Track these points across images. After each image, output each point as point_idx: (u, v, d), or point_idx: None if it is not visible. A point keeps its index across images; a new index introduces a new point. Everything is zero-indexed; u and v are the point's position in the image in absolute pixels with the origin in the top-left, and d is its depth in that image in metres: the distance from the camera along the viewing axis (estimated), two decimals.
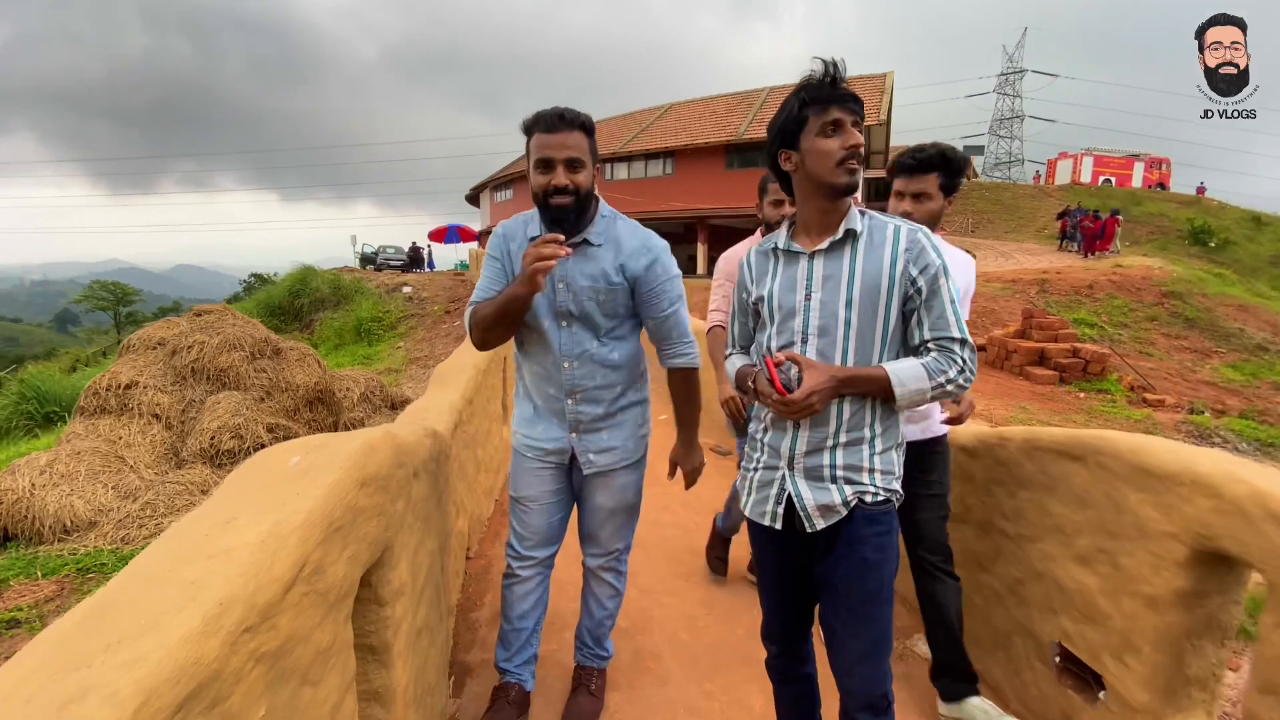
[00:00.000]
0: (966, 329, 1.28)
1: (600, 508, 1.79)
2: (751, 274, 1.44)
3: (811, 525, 1.31)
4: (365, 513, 1.04)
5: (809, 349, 1.30)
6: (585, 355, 1.64)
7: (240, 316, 6.35)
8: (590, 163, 1.56)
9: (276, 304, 18.94)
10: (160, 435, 5.08)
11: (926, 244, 1.27)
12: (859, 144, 1.26)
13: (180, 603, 0.66)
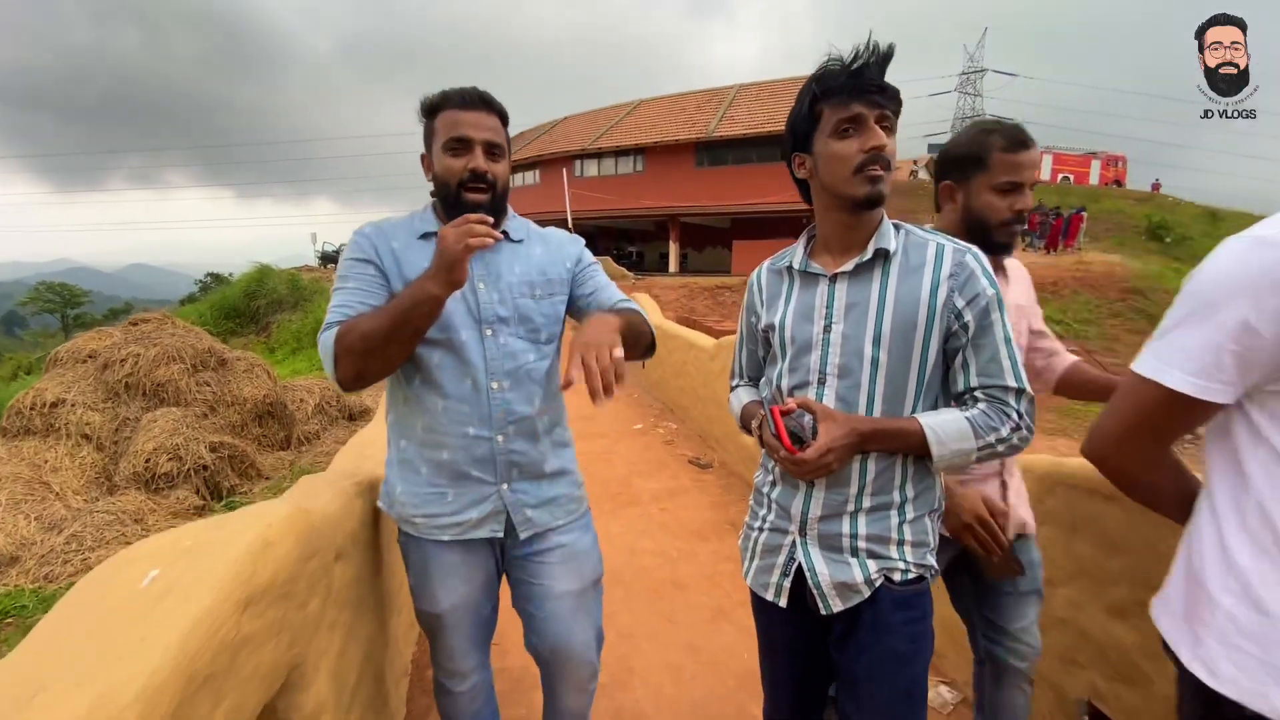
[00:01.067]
0: (1025, 375, 1.04)
1: (563, 595, 1.33)
2: (762, 296, 1.22)
3: (827, 607, 1.09)
4: (255, 640, 0.78)
5: (827, 392, 1.08)
6: (520, 371, 1.26)
7: (181, 325, 5.91)
8: (508, 155, 1.28)
9: (232, 306, 18.24)
10: (91, 458, 4.65)
11: (977, 268, 1.03)
12: (882, 145, 1.01)
13: None
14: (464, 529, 1.27)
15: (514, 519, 1.28)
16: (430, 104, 1.24)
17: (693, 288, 16.69)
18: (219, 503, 4.60)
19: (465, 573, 1.29)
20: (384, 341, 1.10)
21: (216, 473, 4.72)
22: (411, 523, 1.28)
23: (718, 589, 2.76)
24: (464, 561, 1.29)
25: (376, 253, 1.23)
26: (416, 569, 1.31)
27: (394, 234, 1.26)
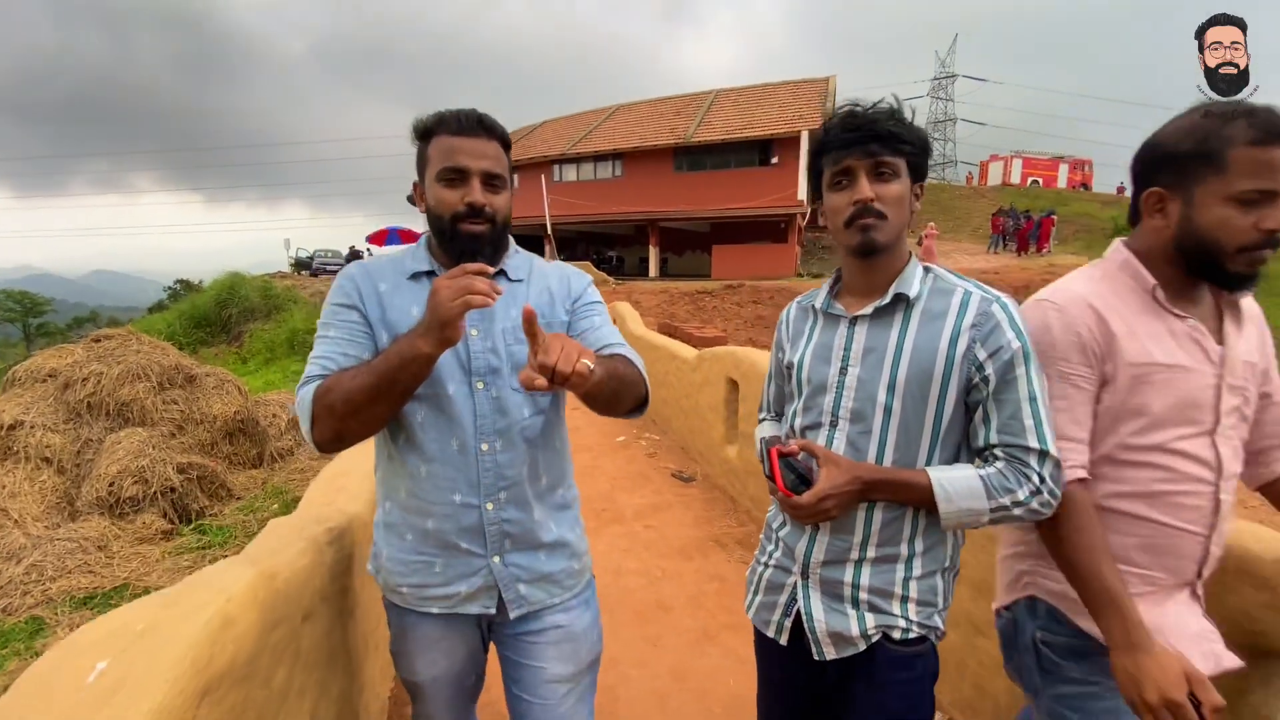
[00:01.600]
0: (1050, 437, 0.97)
1: (556, 680, 1.20)
2: (788, 332, 1.23)
3: (820, 654, 1.07)
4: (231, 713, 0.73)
5: (838, 436, 1.05)
6: (513, 430, 1.13)
7: (147, 341, 5.73)
8: (510, 186, 1.16)
9: (202, 314, 17.84)
10: (51, 482, 4.48)
11: (1004, 319, 0.99)
12: (867, 199, 1.00)
13: None
14: (453, 602, 1.15)
15: (504, 596, 1.15)
16: (423, 127, 1.12)
17: (673, 293, 16.70)
18: (187, 526, 4.46)
19: (447, 647, 1.19)
20: (367, 402, 0.99)
21: (185, 495, 4.57)
22: (397, 592, 1.16)
23: (702, 610, 2.73)
24: (445, 636, 1.18)
25: (360, 297, 1.11)
26: (397, 637, 1.21)
27: (381, 274, 1.14)
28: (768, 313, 14.26)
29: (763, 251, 20.48)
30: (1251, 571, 1.20)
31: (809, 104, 21.14)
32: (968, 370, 0.99)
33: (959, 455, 1.05)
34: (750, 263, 19.94)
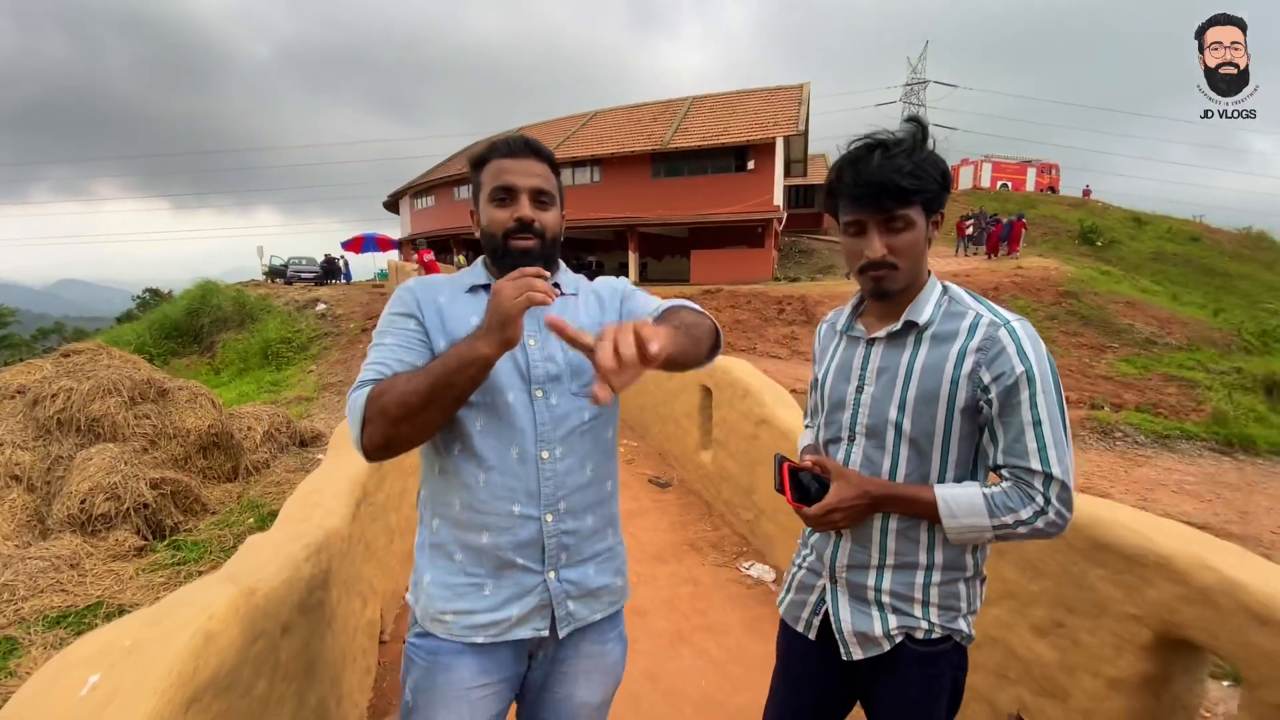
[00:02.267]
0: (1056, 459, 0.99)
1: (582, 707, 1.19)
2: (819, 349, 1.29)
3: (848, 654, 1.13)
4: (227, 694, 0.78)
5: (855, 450, 1.12)
6: (574, 435, 1.12)
7: (118, 354, 5.66)
8: (559, 204, 1.20)
9: (174, 324, 17.51)
10: (21, 499, 4.40)
11: (1010, 344, 1.00)
12: (879, 257, 1.03)
13: None
14: (501, 629, 1.09)
15: (556, 614, 1.11)
16: (477, 156, 1.18)
17: None
18: (161, 542, 4.42)
19: (478, 699, 1.10)
20: (422, 405, 0.96)
21: (159, 510, 4.53)
22: (440, 620, 1.09)
23: (676, 613, 2.81)
24: (479, 684, 1.09)
25: (419, 306, 1.11)
26: (418, 684, 1.10)
27: (440, 288, 1.16)
28: (745, 317, 14.42)
29: (740, 256, 20.69)
30: (1167, 567, 1.30)
31: (784, 110, 21.43)
32: (973, 392, 1.02)
33: (977, 472, 1.08)
34: (728, 267, 20.13)
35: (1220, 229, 34.61)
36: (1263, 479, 7.52)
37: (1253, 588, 1.16)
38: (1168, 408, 9.76)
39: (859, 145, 1.04)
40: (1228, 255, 30.15)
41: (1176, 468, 7.49)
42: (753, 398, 3.34)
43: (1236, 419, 9.53)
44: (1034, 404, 0.99)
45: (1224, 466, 7.83)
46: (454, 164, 29.58)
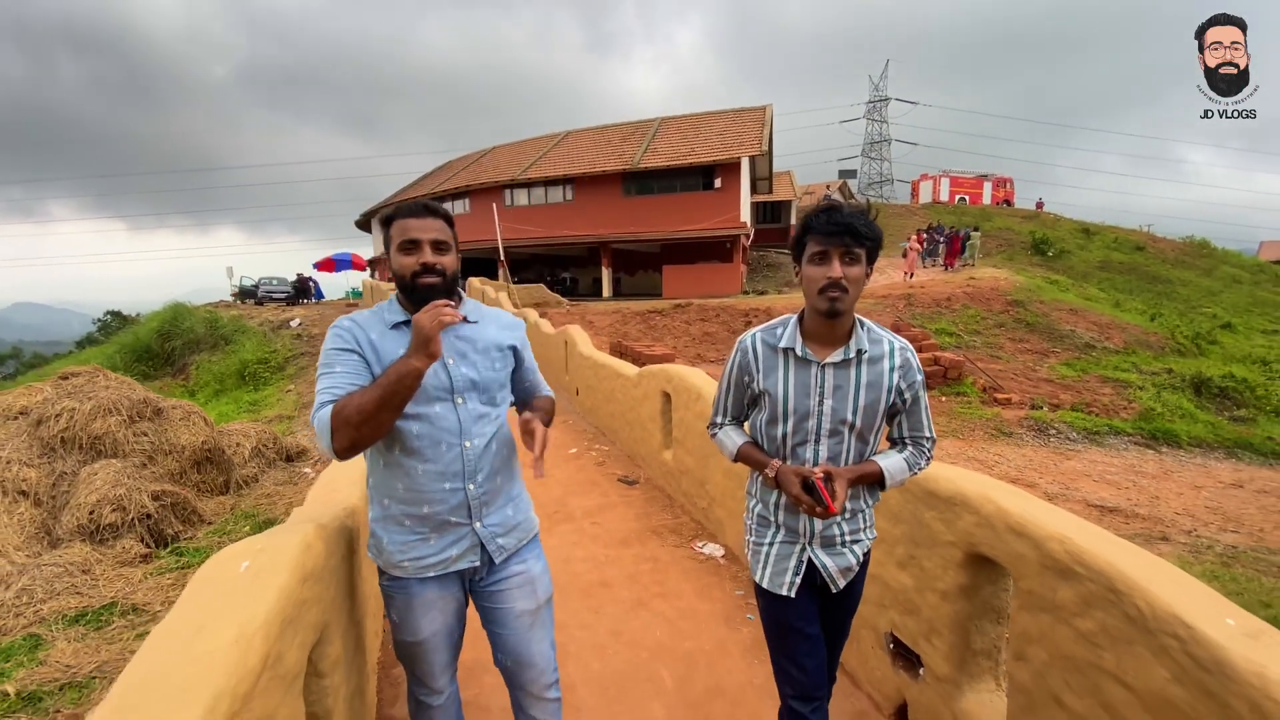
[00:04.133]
0: (932, 427, 1.59)
1: (523, 614, 1.60)
2: (758, 364, 1.56)
3: (836, 586, 1.57)
4: (308, 603, 1.25)
5: (821, 447, 1.51)
6: (486, 428, 1.52)
7: (114, 376, 5.97)
8: (454, 249, 1.53)
9: (144, 347, 17.42)
10: (29, 513, 4.69)
11: (914, 362, 1.52)
12: (838, 278, 1.39)
13: (181, 704, 0.86)
14: (446, 565, 1.50)
15: (488, 549, 1.53)
16: (386, 217, 1.51)
17: (625, 312, 17.30)
18: (164, 549, 4.74)
19: (443, 605, 1.53)
20: (376, 411, 1.31)
21: (160, 521, 4.85)
22: (400, 567, 1.48)
23: (638, 585, 3.28)
24: (441, 596, 1.52)
25: (358, 343, 1.45)
26: (400, 608, 1.51)
27: (369, 326, 1.48)
28: (714, 329, 15.01)
29: (710, 271, 21.35)
30: (967, 504, 1.83)
31: (748, 131, 22.29)
32: (896, 395, 1.51)
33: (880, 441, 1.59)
34: (699, 282, 20.77)
35: (1165, 238, 36.41)
36: (1179, 468, 8.28)
37: (1013, 511, 1.69)
38: (1100, 406, 10.55)
39: (832, 202, 1.46)
40: (1170, 263, 31.80)
41: (1102, 460, 8.21)
42: (704, 401, 3.85)
43: (1162, 416, 10.36)
44: (924, 396, 1.55)
45: (1146, 458, 8.58)
46: (427, 183, 29.88)
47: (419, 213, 1.47)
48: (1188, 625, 1.26)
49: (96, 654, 3.46)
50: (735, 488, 3.49)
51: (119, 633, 3.68)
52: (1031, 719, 1.64)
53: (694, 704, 2.33)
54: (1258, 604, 3.72)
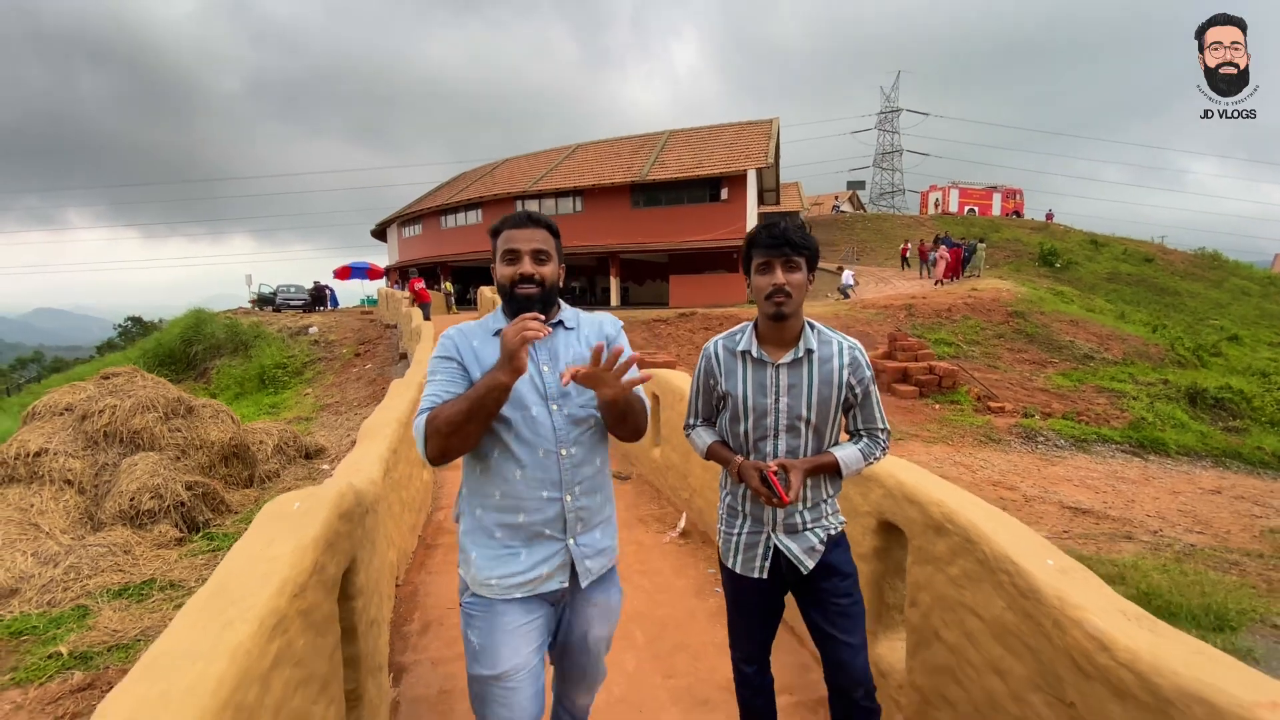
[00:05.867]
0: (884, 419, 1.70)
1: (597, 640, 1.61)
2: (720, 368, 1.69)
3: (805, 567, 1.66)
4: (342, 535, 1.65)
5: (780, 442, 1.63)
6: (583, 435, 1.50)
7: (149, 377, 6.45)
8: (556, 259, 1.55)
9: (168, 352, 18.05)
10: (74, 500, 5.15)
11: (863, 360, 1.65)
12: (780, 284, 1.54)
13: (264, 582, 1.27)
14: (535, 585, 1.45)
15: (577, 569, 1.49)
16: (494, 228, 1.55)
17: (631, 321, 17.72)
18: (196, 535, 5.18)
19: (526, 632, 1.45)
20: (463, 423, 1.33)
21: (192, 509, 5.30)
22: (488, 585, 1.44)
23: (622, 564, 3.62)
24: (527, 621, 1.45)
25: (459, 351, 1.48)
26: (482, 629, 1.44)
27: (473, 334, 1.52)
28: None
29: (716, 280, 21.74)
30: (878, 480, 2.21)
31: (755, 144, 22.75)
32: (847, 391, 1.63)
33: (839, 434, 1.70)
34: (705, 291, 21.17)
35: (1176, 250, 36.34)
36: (1162, 475, 8.53)
37: (908, 483, 2.06)
38: (1093, 415, 10.80)
39: (770, 220, 1.63)
40: (1179, 275, 31.76)
41: (1086, 466, 8.48)
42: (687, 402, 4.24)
43: (1153, 425, 10.59)
44: (874, 391, 1.67)
45: (1130, 465, 8.84)
46: (441, 194, 30.57)
47: (523, 223, 1.52)
48: (1016, 564, 1.63)
49: (139, 621, 3.90)
50: (713, 480, 3.86)
51: (159, 604, 4.11)
52: (922, 653, 2.00)
53: (661, 656, 2.70)
54: (1198, 594, 4.03)
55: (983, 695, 1.74)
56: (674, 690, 2.47)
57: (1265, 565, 4.89)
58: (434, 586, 3.39)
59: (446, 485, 5.30)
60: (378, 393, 11.08)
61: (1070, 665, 1.47)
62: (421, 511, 4.42)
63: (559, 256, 1.57)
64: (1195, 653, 1.32)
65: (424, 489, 4.59)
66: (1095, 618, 1.43)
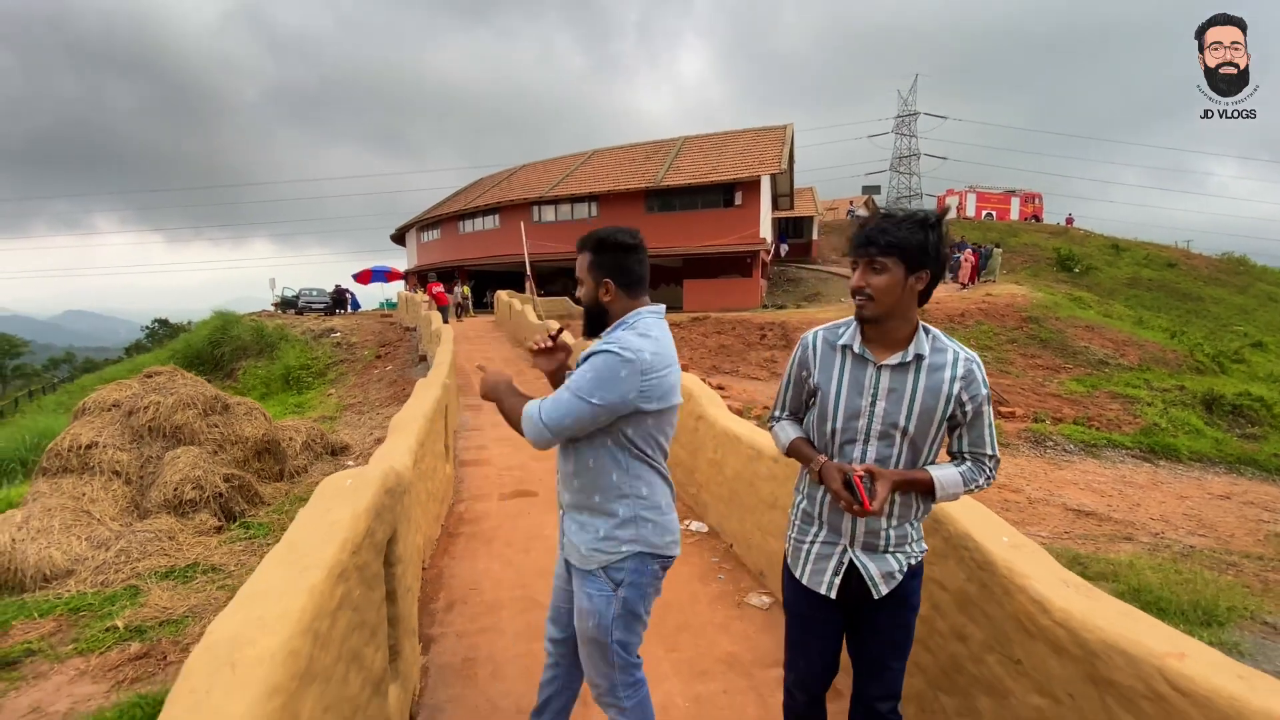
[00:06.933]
0: (996, 447, 1.52)
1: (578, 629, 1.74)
2: (815, 359, 1.58)
3: (878, 591, 1.53)
4: (387, 507, 1.91)
5: (870, 448, 1.50)
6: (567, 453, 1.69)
7: (189, 376, 6.83)
8: (589, 280, 1.68)
9: (195, 353, 18.64)
10: (121, 490, 5.51)
11: (978, 375, 1.47)
12: (859, 286, 1.46)
13: (328, 539, 1.53)
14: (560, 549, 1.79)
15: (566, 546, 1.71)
16: None
17: None
18: (234, 524, 5.51)
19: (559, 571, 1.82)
20: None
21: (229, 500, 5.63)
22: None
23: None
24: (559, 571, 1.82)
25: None
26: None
27: None
28: (729, 342, 15.57)
29: (730, 285, 21.93)
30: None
31: (769, 150, 22.93)
32: (956, 405, 1.46)
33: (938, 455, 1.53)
34: (719, 296, 21.37)
35: (1200, 254, 35.80)
36: (1171, 480, 8.57)
37: None
38: (1105, 421, 10.82)
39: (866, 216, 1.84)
40: (1203, 280, 31.29)
41: (1094, 471, 8.54)
42: (694, 400, 4.47)
43: (1166, 431, 10.60)
44: (988, 413, 1.49)
45: (1140, 470, 8.88)
46: (459, 199, 31.12)
47: (577, 249, 1.76)
48: (975, 540, 1.85)
49: (186, 600, 4.21)
50: (717, 475, 4.09)
51: (203, 585, 4.43)
52: None
53: (665, 634, 2.93)
54: (1189, 591, 4.17)
55: (948, 659, 1.96)
56: (675, 662, 2.70)
57: (1263, 567, 4.99)
58: (457, 570, 3.65)
59: (466, 481, 5.57)
60: (398, 393, 11.44)
61: (1017, 627, 1.68)
62: (444, 503, 4.69)
63: (597, 272, 1.68)
64: (1121, 614, 1.53)
65: (446, 482, 4.87)
66: (1038, 585, 1.65)
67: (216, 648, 1.16)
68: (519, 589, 3.39)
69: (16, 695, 3.22)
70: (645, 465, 1.65)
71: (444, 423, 5.19)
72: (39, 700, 3.16)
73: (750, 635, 2.93)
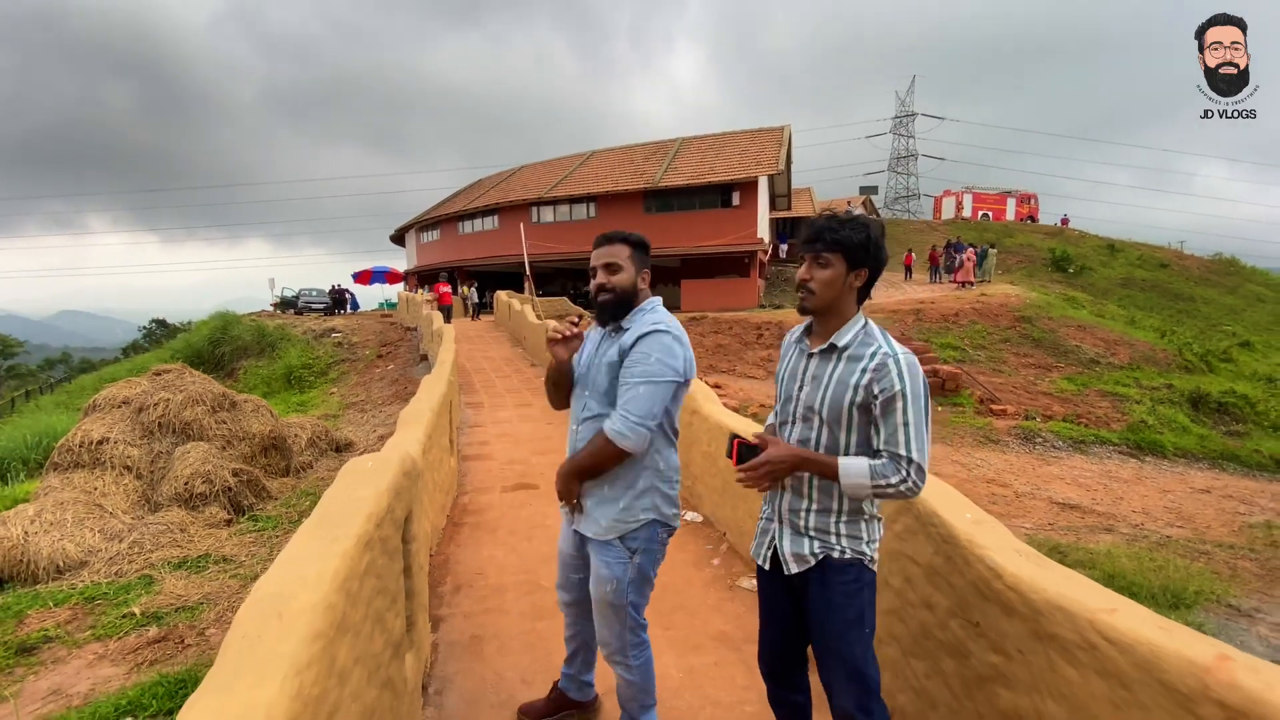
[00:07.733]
0: (918, 449, 1.47)
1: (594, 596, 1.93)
2: (783, 353, 1.75)
3: (788, 568, 1.63)
4: (404, 487, 2.09)
5: (794, 430, 1.62)
6: (590, 421, 1.84)
7: (196, 374, 6.99)
8: (630, 267, 1.82)
9: (195, 353, 18.75)
10: (132, 484, 5.67)
11: (894, 369, 1.48)
12: (804, 279, 1.57)
13: (356, 513, 1.71)
14: None
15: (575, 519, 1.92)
16: None
17: None
18: (242, 517, 5.67)
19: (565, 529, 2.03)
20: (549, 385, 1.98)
21: (238, 494, 5.79)
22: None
23: None
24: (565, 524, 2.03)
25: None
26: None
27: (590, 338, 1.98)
28: (726, 341, 15.76)
29: (727, 285, 22.10)
30: None
31: (766, 150, 23.12)
32: (867, 396, 1.49)
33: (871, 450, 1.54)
34: (716, 295, 21.54)
35: (1192, 255, 36.11)
36: (1155, 475, 8.77)
37: None
38: (1093, 418, 11.03)
39: (822, 214, 1.58)
40: (1194, 280, 31.61)
41: (1081, 466, 8.75)
42: (689, 397, 4.65)
43: (1152, 428, 10.81)
44: (906, 410, 1.46)
45: (1125, 466, 9.09)
46: (458, 200, 31.25)
47: (598, 243, 1.89)
48: (940, 517, 2.03)
49: (200, 588, 4.38)
50: (711, 467, 4.27)
51: (215, 575, 4.59)
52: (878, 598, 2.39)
53: (661, 614, 3.10)
54: (1160, 577, 4.36)
55: (918, 626, 2.14)
56: (671, 639, 2.88)
57: (1234, 555, 5.19)
58: (462, 557, 3.83)
59: (470, 474, 5.74)
60: (401, 392, 11.59)
61: (975, 593, 1.86)
62: (450, 494, 4.86)
63: (638, 262, 1.88)
64: (1065, 578, 1.71)
65: (451, 474, 5.04)
66: (994, 554, 1.83)
67: (264, 602, 1.33)
68: (523, 574, 3.56)
69: (36, 679, 3.37)
70: (664, 439, 1.86)
71: (449, 418, 5.36)
72: (59, 683, 3.31)
73: (741, 615, 3.11)
